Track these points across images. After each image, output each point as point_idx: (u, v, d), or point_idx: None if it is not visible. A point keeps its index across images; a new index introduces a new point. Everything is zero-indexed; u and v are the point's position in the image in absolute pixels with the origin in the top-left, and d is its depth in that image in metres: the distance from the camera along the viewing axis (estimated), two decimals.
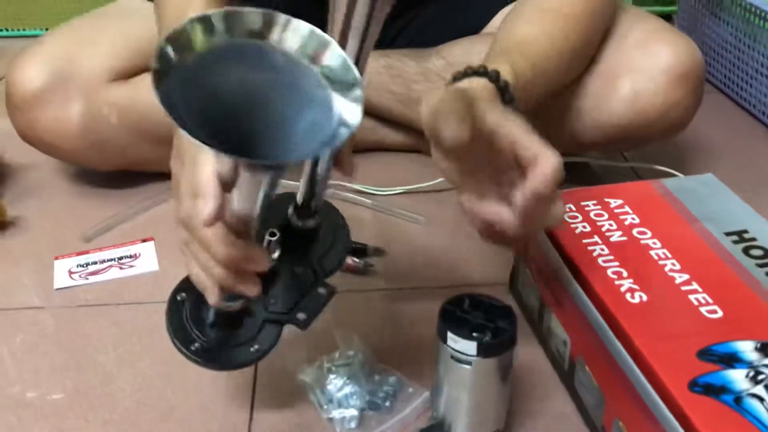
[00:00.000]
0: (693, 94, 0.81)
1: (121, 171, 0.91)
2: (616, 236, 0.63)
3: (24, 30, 1.43)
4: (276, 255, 0.56)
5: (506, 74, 0.60)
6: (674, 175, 0.86)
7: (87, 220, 0.86)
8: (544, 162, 0.47)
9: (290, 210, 0.57)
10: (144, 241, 0.82)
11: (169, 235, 0.83)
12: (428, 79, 0.89)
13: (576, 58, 0.77)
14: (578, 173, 0.91)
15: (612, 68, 0.80)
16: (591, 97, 0.81)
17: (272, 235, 0.55)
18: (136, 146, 0.87)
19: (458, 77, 0.59)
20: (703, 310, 0.54)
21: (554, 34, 0.71)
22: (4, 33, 1.43)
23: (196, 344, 0.56)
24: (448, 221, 0.84)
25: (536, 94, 0.70)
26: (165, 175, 0.92)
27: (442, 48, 0.90)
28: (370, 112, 0.93)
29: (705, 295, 0.55)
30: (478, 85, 0.57)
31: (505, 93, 0.59)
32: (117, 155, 0.88)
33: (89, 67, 0.84)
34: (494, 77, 0.58)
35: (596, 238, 0.62)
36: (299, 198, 0.56)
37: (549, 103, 0.76)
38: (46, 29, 1.41)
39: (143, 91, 0.85)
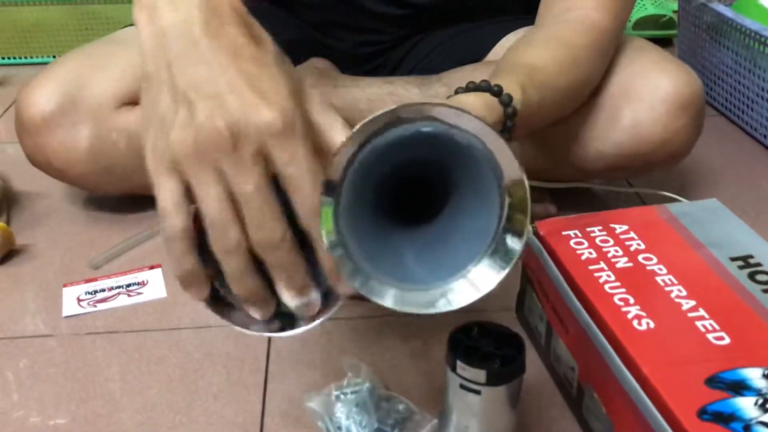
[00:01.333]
0: (693, 123, 0.81)
1: (129, 195, 0.92)
2: (622, 262, 0.63)
3: (32, 58, 1.45)
4: None
5: (511, 91, 0.60)
6: (678, 200, 0.87)
7: (95, 246, 0.87)
8: None
9: None
10: (151, 267, 0.83)
11: None
12: None
13: (583, 88, 0.78)
14: (582, 199, 0.92)
15: (614, 98, 0.81)
16: (593, 127, 0.82)
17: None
18: (144, 171, 0.88)
19: (459, 91, 0.59)
20: (710, 336, 0.54)
21: (564, 62, 0.72)
22: (14, 61, 1.45)
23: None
24: None
25: (539, 118, 0.71)
26: None
27: (444, 75, 0.91)
28: None
29: (712, 321, 0.55)
30: (477, 102, 0.57)
31: (507, 107, 0.59)
32: (125, 179, 0.89)
33: (98, 92, 0.85)
34: (497, 92, 0.58)
35: (602, 265, 0.62)
36: None
37: (549, 131, 0.77)
38: (54, 57, 1.44)
39: None
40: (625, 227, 0.68)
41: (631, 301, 0.58)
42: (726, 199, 0.73)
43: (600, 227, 0.68)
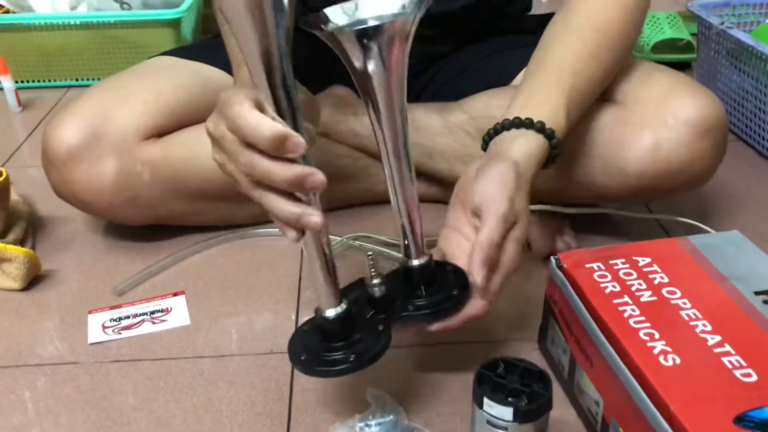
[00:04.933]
0: (716, 148, 0.82)
1: (153, 225, 0.93)
2: (646, 296, 0.63)
3: (55, 81, 1.47)
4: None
5: (557, 121, 0.68)
6: (699, 228, 0.87)
7: (119, 272, 0.88)
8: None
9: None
10: (175, 294, 0.84)
11: (199, 288, 0.85)
12: (452, 132, 0.91)
13: (616, 68, 0.81)
14: (602, 225, 0.92)
15: (634, 117, 0.81)
16: (612, 145, 0.82)
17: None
18: (168, 201, 0.89)
19: (507, 125, 0.66)
20: (737, 373, 0.54)
21: (601, 51, 0.76)
22: (37, 84, 1.47)
23: (303, 357, 0.60)
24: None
25: (577, 120, 0.76)
26: (195, 229, 0.94)
27: (464, 102, 0.92)
28: None
29: (738, 357, 0.55)
30: (526, 147, 0.66)
31: (552, 139, 0.68)
32: (149, 210, 0.90)
33: (123, 125, 0.86)
34: (540, 128, 0.66)
35: (626, 298, 0.63)
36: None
37: (568, 151, 0.78)
38: (76, 80, 1.46)
39: (175, 149, 0.88)
40: (648, 260, 0.68)
41: (657, 336, 0.58)
42: (747, 226, 0.73)
43: (623, 260, 0.68)
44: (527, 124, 0.68)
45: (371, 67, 0.55)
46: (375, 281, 0.61)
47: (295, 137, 0.52)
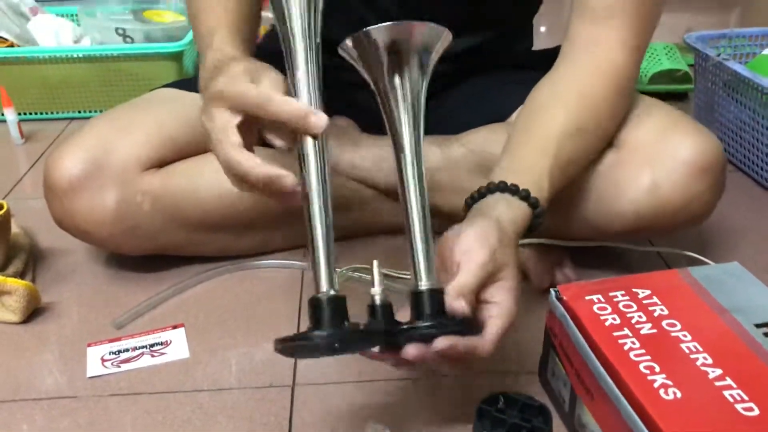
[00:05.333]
0: (714, 187, 0.82)
1: (153, 255, 0.93)
2: (646, 329, 0.63)
3: (58, 113, 1.48)
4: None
5: (540, 188, 0.68)
6: (700, 261, 0.87)
7: (119, 304, 0.88)
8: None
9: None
10: (174, 327, 0.84)
11: (199, 320, 0.85)
12: (450, 166, 0.91)
13: (605, 140, 0.80)
14: (602, 257, 0.92)
15: (632, 156, 0.81)
16: (611, 185, 0.82)
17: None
18: (169, 232, 0.90)
19: (492, 189, 0.65)
20: (739, 407, 0.54)
21: (589, 128, 0.75)
22: (40, 116, 1.48)
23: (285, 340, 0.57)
24: None
25: (563, 189, 0.75)
26: (195, 259, 0.94)
27: (463, 136, 0.92)
28: (393, 197, 0.94)
29: (740, 391, 0.55)
30: (510, 213, 0.65)
31: (536, 208, 0.67)
32: (150, 241, 0.90)
33: (124, 155, 0.87)
34: (525, 196, 0.66)
35: (626, 331, 0.62)
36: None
37: (565, 191, 0.78)
38: (79, 112, 1.47)
39: (175, 179, 0.88)
40: (648, 292, 0.68)
41: (657, 369, 0.58)
42: (747, 257, 0.73)
43: (623, 292, 0.68)
44: (512, 190, 0.67)
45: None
46: (377, 288, 0.58)
47: (317, 114, 0.58)
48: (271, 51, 0.68)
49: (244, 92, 0.62)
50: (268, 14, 0.85)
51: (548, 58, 0.82)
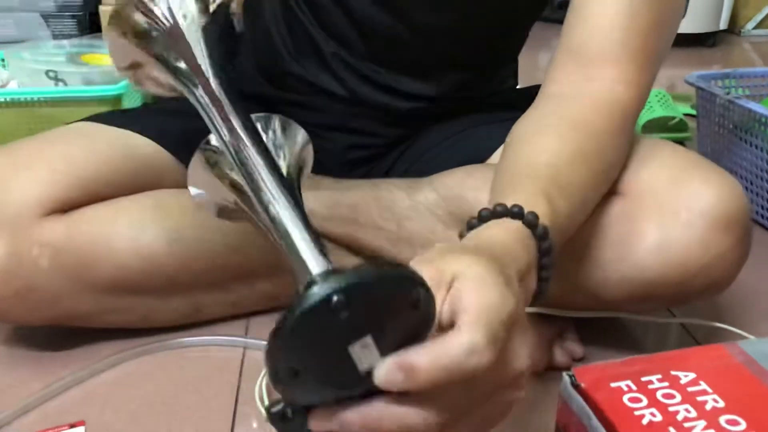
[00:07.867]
0: (740, 245, 0.66)
1: (54, 327, 0.75)
2: (699, 428, 0.46)
3: None
4: None
5: (544, 217, 0.49)
6: (735, 333, 0.70)
7: (7, 395, 0.69)
8: None
9: None
10: (72, 426, 0.65)
11: (105, 417, 0.67)
12: (419, 214, 0.77)
13: (609, 181, 0.65)
14: (612, 331, 0.75)
15: (635, 209, 0.65)
16: (612, 246, 0.66)
17: None
18: (72, 296, 0.72)
19: (485, 217, 0.48)
20: None
21: (589, 154, 0.59)
22: None
23: None
24: None
25: (571, 231, 0.58)
26: (106, 333, 0.76)
27: (435, 178, 0.78)
28: (359, 250, 0.80)
29: None
30: (509, 236, 0.47)
31: (543, 241, 0.48)
32: (48, 307, 0.72)
33: (20, 197, 0.70)
34: (532, 222, 0.46)
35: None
36: None
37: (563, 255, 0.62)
38: None
39: (83, 227, 0.71)
40: (693, 375, 0.51)
41: None
42: None
43: (659, 376, 0.51)
44: (500, 212, 0.50)
45: None
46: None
47: None
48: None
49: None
50: None
51: (528, 96, 0.68)
